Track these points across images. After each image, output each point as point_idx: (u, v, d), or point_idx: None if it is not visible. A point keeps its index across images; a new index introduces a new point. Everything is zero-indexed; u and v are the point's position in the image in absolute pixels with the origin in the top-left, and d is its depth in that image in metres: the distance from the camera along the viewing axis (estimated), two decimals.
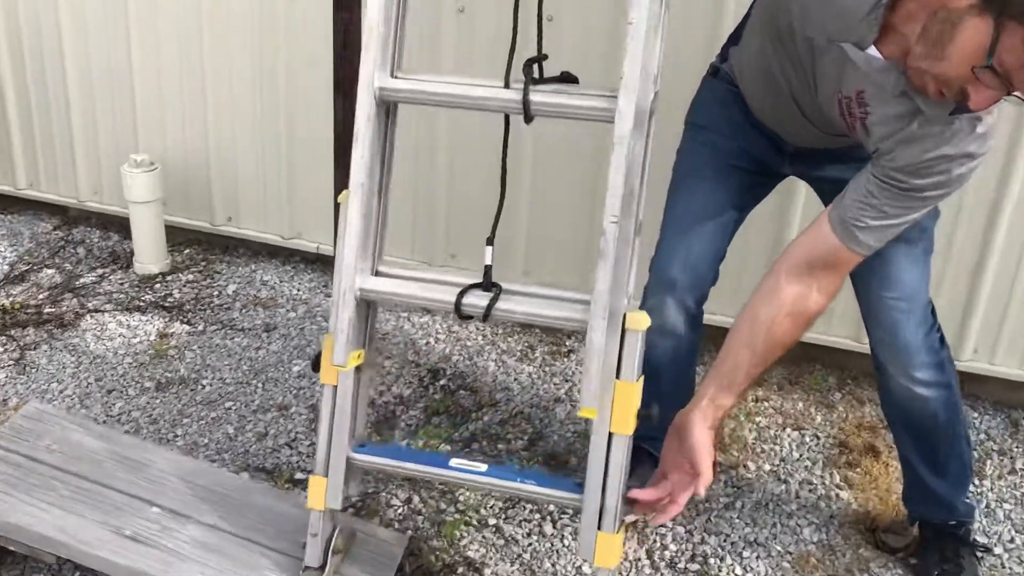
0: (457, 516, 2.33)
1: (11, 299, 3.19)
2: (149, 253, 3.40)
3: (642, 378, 1.76)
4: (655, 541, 2.32)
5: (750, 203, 2.19)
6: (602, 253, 1.64)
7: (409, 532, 2.25)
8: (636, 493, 1.78)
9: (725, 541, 2.34)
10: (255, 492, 2.15)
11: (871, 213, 1.72)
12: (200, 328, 3.09)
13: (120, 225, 3.64)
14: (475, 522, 2.32)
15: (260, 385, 2.81)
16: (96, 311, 3.14)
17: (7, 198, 3.84)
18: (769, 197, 2.24)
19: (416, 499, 2.38)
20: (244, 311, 3.21)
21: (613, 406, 1.72)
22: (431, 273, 1.85)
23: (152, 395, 2.73)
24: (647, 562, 2.25)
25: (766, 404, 2.92)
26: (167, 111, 3.45)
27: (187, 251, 3.60)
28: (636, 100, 1.56)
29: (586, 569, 2.22)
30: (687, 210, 2.15)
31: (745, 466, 2.62)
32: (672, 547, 2.31)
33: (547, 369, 3.02)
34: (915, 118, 1.64)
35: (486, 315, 1.74)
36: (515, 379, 2.94)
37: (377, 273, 1.85)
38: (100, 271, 3.41)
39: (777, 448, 2.71)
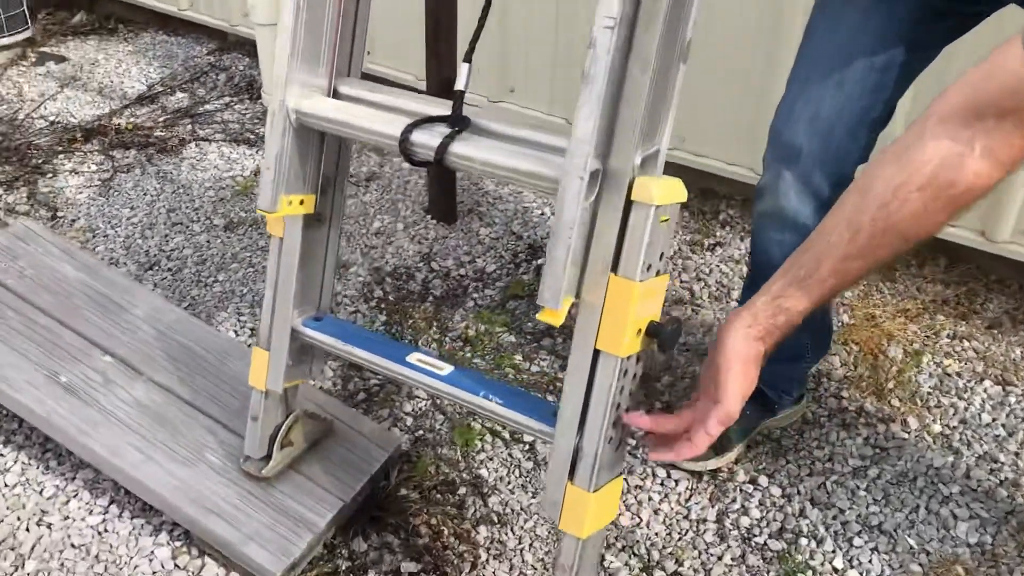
0: (482, 424, 1.86)
1: (131, 120, 3.03)
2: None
3: (664, 279, 1.18)
4: (733, 500, 1.73)
5: (936, 37, 1.45)
6: (586, 77, 1.05)
7: (406, 436, 1.81)
8: (633, 418, 1.21)
9: (833, 519, 1.70)
10: (234, 356, 1.79)
11: None
12: None
13: None
14: (505, 435, 1.84)
15: None
16: (203, 140, 2.90)
17: (171, 19, 3.69)
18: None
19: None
20: (356, 157, 2.84)
21: (603, 311, 1.15)
22: (406, 98, 1.34)
23: (215, 233, 2.45)
24: (713, 526, 1.67)
25: (966, 344, 2.14)
26: None
27: None
28: None
29: (623, 520, 1.68)
30: (824, 46, 1.46)
31: (904, 422, 1.92)
32: (755, 512, 1.70)
33: (678, 263, 2.41)
34: None
35: (437, 159, 1.21)
36: None
37: (335, 94, 1.37)
38: (227, 99, 3.17)
39: (961, 405, 1.97)
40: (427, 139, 1.22)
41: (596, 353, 1.17)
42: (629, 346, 1.16)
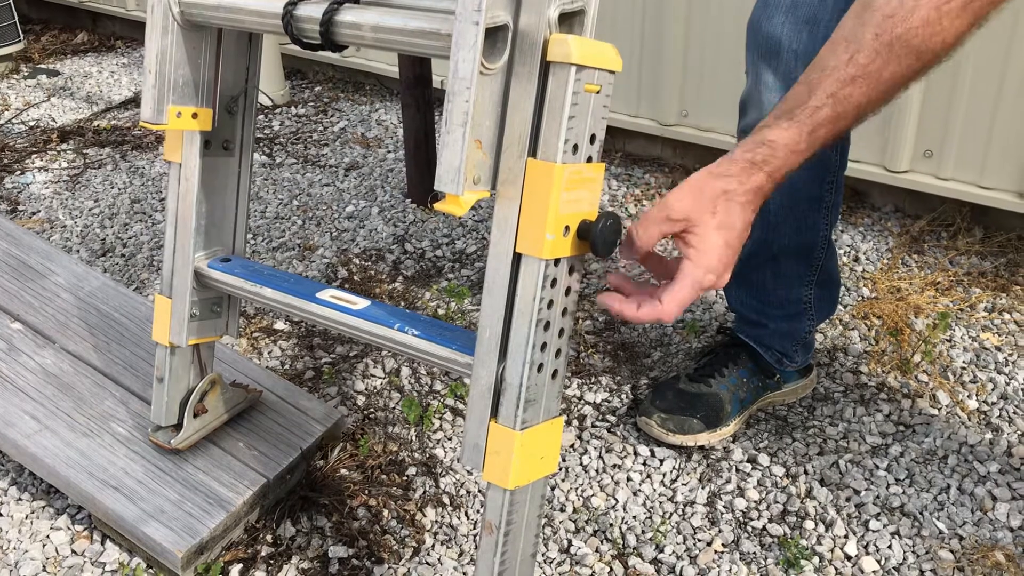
0: (442, 401, 1.64)
1: (112, 121, 2.90)
2: (262, 83, 2.97)
3: (598, 168, 0.97)
4: (727, 481, 1.47)
5: None
6: None
7: (353, 416, 1.60)
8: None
9: (847, 500, 1.43)
10: None
11: None
12: (278, 161, 2.60)
13: None
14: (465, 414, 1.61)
15: (300, 223, 2.26)
16: None
17: None
18: None
19: (406, 372, 1.71)
20: (340, 149, 2.68)
21: (522, 203, 0.94)
22: None
23: None
24: (703, 509, 1.42)
25: (1006, 317, 1.88)
26: None
27: (317, 88, 3.13)
28: None
29: (596, 501, 1.44)
30: None
31: (933, 397, 1.65)
32: (753, 494, 1.45)
33: None
34: None
35: (322, 30, 1.02)
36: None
37: None
38: None
39: (1000, 380, 1.70)
40: (311, 12, 1.03)
41: (517, 258, 0.96)
42: (554, 247, 0.94)
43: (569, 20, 0.96)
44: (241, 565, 1.31)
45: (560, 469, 1.49)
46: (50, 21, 4.07)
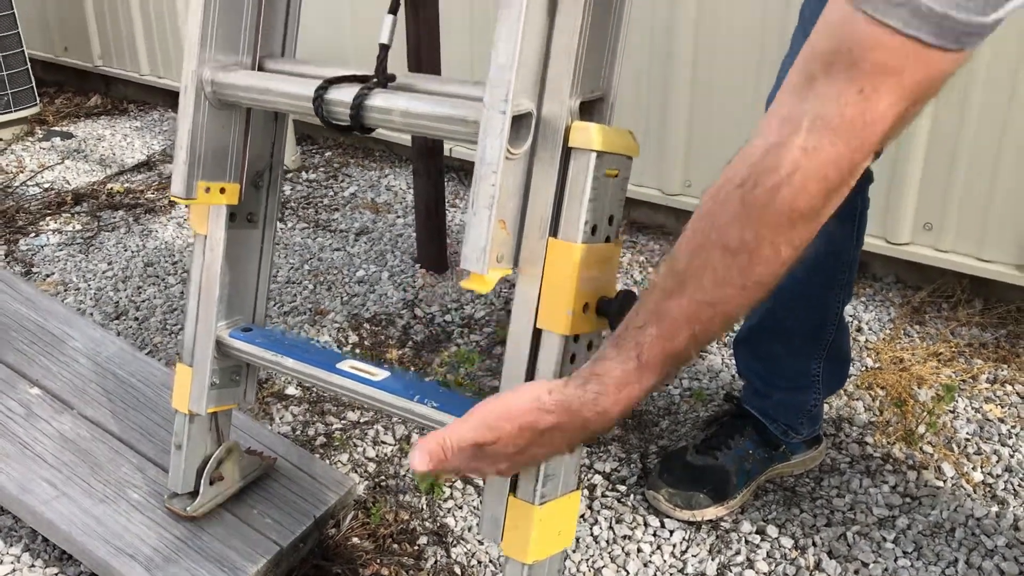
0: None
1: (125, 184, 2.95)
2: None
3: (616, 248, 1.00)
4: (737, 553, 1.48)
5: None
6: None
7: (365, 483, 1.61)
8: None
9: (855, 573, 1.44)
10: None
11: None
12: (289, 225, 2.65)
13: None
14: (478, 481, 1.63)
15: (310, 287, 2.29)
16: None
17: None
18: None
19: (417, 438, 1.72)
20: (350, 214, 2.72)
21: (543, 281, 0.98)
22: (337, 68, 1.20)
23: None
24: None
25: (1008, 388, 1.90)
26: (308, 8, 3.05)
27: (327, 154, 3.19)
28: None
29: (607, 573, 1.45)
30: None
31: (938, 469, 1.67)
32: (763, 566, 1.46)
33: None
34: None
35: (353, 114, 1.06)
36: None
37: (261, 68, 1.24)
38: None
39: (1004, 452, 1.72)
40: (342, 96, 1.07)
41: (537, 334, 0.99)
42: (574, 323, 0.97)
43: (589, 108, 1.00)
44: None
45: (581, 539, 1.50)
46: (64, 84, 4.16)
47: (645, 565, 1.46)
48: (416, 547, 1.48)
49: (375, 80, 1.09)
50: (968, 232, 2.11)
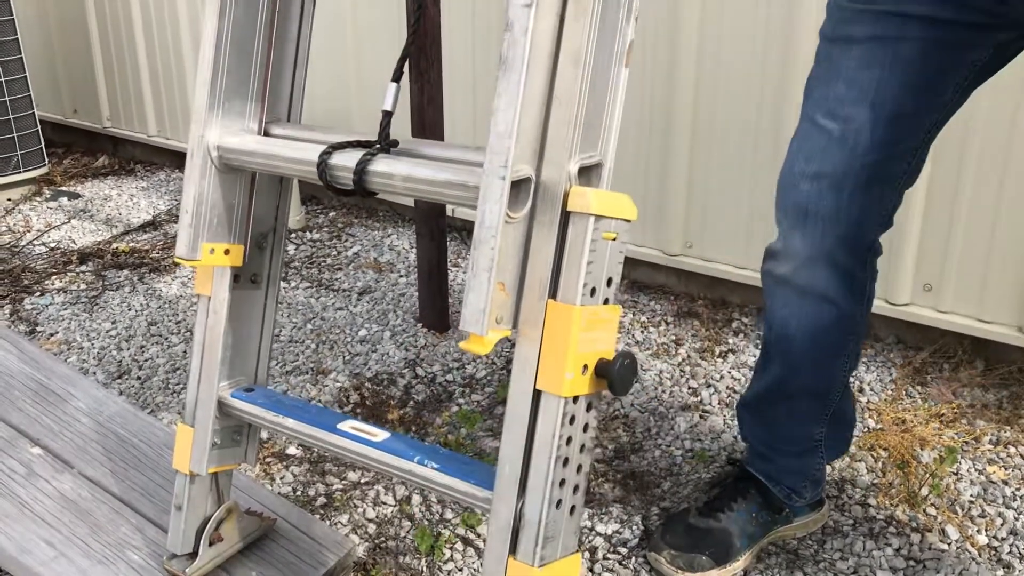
0: (452, 531, 1.64)
1: (131, 244, 2.98)
2: None
3: (614, 310, 1.01)
4: None
5: (954, 79, 1.28)
6: (504, 62, 0.93)
7: (365, 544, 1.60)
8: None
9: None
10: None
11: None
12: (292, 284, 2.66)
13: None
14: (479, 542, 1.62)
15: (313, 346, 2.30)
16: None
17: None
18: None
19: (417, 499, 1.72)
20: (353, 273, 2.74)
21: (542, 343, 0.99)
22: (341, 134, 1.22)
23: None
24: None
25: (1012, 450, 1.90)
26: (314, 74, 3.12)
27: (331, 214, 3.23)
28: None
29: None
30: (822, 102, 1.32)
31: (942, 531, 1.66)
32: None
33: (687, 370, 2.21)
34: None
35: (355, 179, 1.09)
36: (639, 376, 2.17)
37: (266, 134, 1.27)
38: None
39: (1009, 515, 1.71)
40: (346, 161, 1.09)
41: (537, 395, 1.00)
42: (573, 385, 0.98)
43: (588, 172, 1.02)
44: None
45: None
46: (72, 145, 4.22)
47: None
48: None
49: (378, 145, 1.11)
50: (968, 293, 2.12)
